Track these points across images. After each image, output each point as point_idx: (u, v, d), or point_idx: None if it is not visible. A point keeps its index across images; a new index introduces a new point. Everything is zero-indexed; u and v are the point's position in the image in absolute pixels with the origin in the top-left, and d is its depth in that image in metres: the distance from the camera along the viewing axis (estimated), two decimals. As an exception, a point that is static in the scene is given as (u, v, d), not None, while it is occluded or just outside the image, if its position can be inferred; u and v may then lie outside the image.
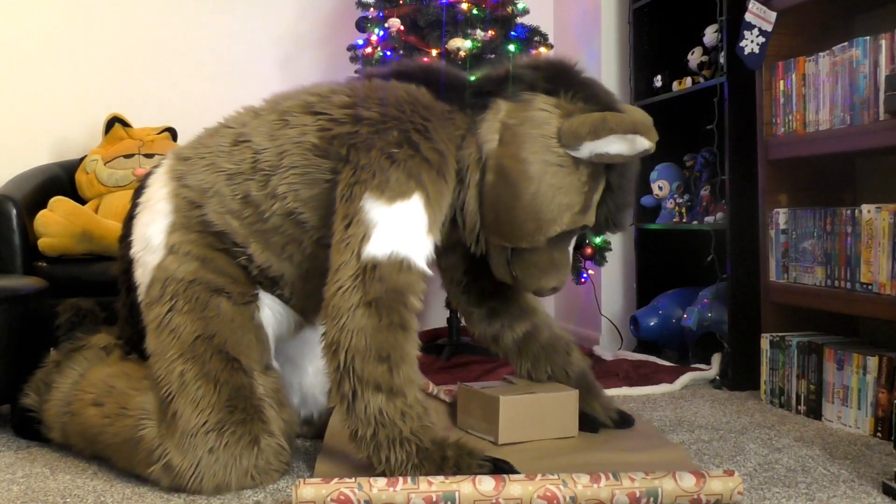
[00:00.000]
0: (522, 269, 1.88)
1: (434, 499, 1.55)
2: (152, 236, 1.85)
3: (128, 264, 1.94)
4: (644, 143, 1.79)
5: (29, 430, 2.07)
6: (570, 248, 1.93)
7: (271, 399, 1.78)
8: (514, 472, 1.64)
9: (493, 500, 1.56)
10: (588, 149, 1.76)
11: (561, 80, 1.86)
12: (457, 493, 1.56)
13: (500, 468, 1.64)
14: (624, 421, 2.09)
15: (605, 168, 1.85)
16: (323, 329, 1.71)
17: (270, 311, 1.89)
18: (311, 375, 2.08)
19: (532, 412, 1.99)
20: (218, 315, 1.78)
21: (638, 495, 1.58)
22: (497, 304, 2.09)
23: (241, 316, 1.82)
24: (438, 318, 3.75)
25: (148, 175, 1.97)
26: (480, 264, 2.03)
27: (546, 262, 1.86)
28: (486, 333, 2.11)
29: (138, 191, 1.97)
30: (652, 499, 1.58)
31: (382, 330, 1.66)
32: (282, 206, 1.80)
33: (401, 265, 1.69)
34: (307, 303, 1.93)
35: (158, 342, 1.78)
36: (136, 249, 1.89)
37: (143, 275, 1.87)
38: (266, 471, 1.73)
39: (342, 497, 1.53)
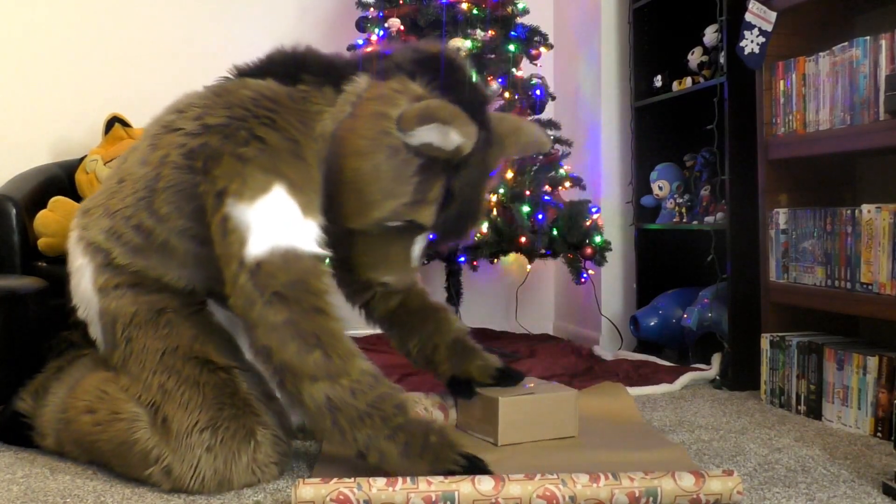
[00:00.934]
0: (357, 254, 1.85)
1: (433, 498, 1.55)
2: (85, 291, 1.89)
3: (84, 328, 1.96)
4: (456, 139, 1.69)
5: (15, 433, 2.03)
6: (415, 250, 1.85)
7: (257, 392, 1.78)
8: (488, 471, 1.63)
9: (493, 500, 1.56)
10: (417, 135, 1.70)
11: (426, 66, 1.80)
12: (456, 493, 1.56)
13: (475, 467, 1.64)
14: (507, 376, 2.05)
15: (445, 169, 1.76)
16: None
17: (225, 315, 1.89)
18: None
19: (531, 412, 1.99)
20: (172, 330, 1.80)
21: (637, 495, 1.58)
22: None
23: (197, 323, 1.83)
24: (438, 318, 3.75)
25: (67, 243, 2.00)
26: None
27: (379, 253, 1.83)
28: (359, 305, 2.13)
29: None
30: (651, 498, 1.58)
31: (297, 321, 1.64)
32: (172, 226, 1.82)
33: (285, 256, 1.67)
34: None
35: (129, 375, 1.80)
36: (80, 313, 1.93)
37: (95, 331, 1.91)
38: (266, 464, 1.73)
39: (341, 497, 1.53)
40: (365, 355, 1.70)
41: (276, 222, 1.69)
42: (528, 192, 3.03)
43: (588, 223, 3.09)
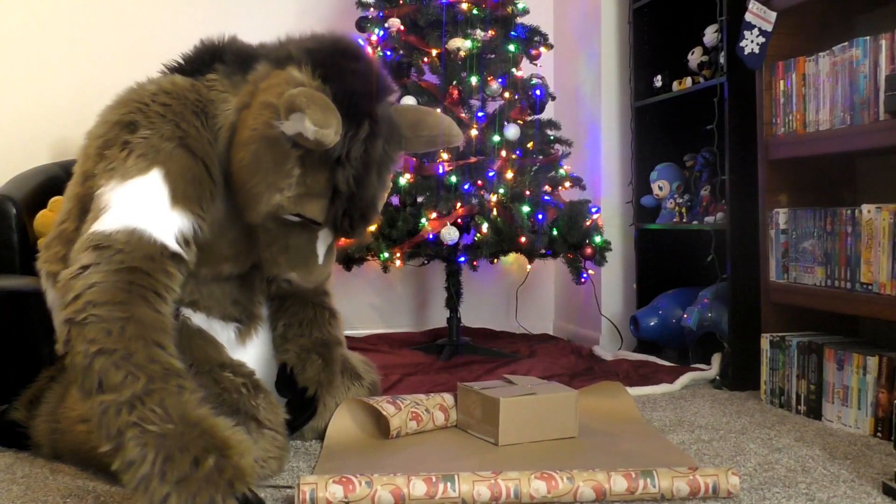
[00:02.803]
0: (261, 248, 1.78)
1: (434, 479, 1.56)
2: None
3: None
4: (309, 128, 1.57)
5: (11, 443, 2.01)
6: (319, 247, 1.76)
7: (245, 388, 1.77)
8: None
9: (492, 480, 1.58)
10: (288, 125, 1.61)
11: (315, 55, 1.72)
12: (456, 474, 1.59)
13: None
14: (296, 409, 1.95)
15: (326, 162, 1.66)
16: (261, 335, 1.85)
17: (203, 320, 1.88)
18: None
19: (532, 413, 1.99)
20: None
21: (634, 476, 1.61)
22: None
23: (176, 330, 1.80)
24: (438, 318, 3.75)
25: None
26: None
27: (279, 247, 1.75)
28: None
29: (41, 303, 1.96)
30: (648, 480, 1.60)
31: (108, 290, 1.55)
32: None
33: (131, 235, 1.61)
34: (226, 309, 1.92)
35: None
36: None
37: None
38: (265, 458, 1.72)
39: (344, 479, 1.55)
40: (174, 351, 1.58)
41: (141, 205, 1.65)
42: (528, 192, 3.03)
43: (588, 223, 3.09)
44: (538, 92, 3.21)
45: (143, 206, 1.65)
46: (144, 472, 1.41)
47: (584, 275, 3.14)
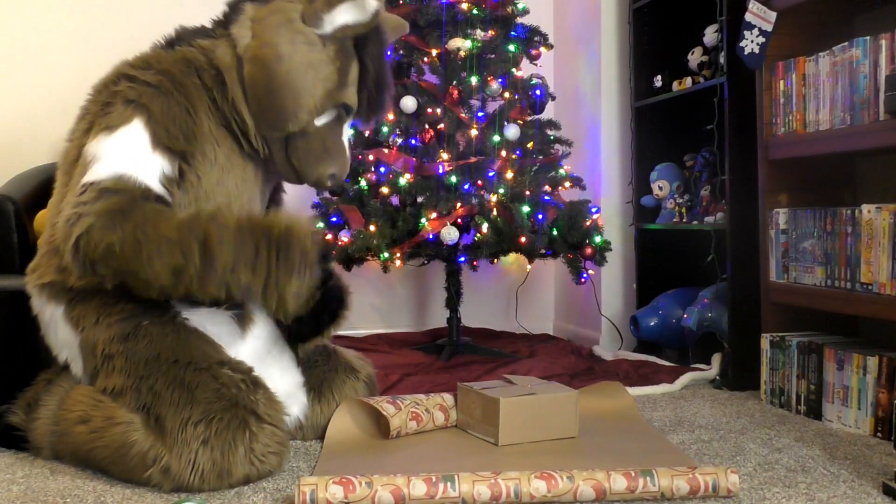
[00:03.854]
0: (299, 158, 1.98)
1: (434, 479, 1.56)
2: (63, 333, 1.90)
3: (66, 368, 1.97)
4: (372, 3, 1.92)
5: (10, 447, 2.01)
6: (345, 139, 2.04)
7: (244, 384, 1.77)
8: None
9: (492, 480, 1.57)
10: (329, 22, 1.92)
11: None
12: (456, 474, 1.59)
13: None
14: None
15: (355, 48, 1.98)
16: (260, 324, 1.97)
17: (201, 319, 1.90)
18: (280, 376, 2.02)
19: (532, 413, 1.99)
20: (151, 339, 1.81)
21: (633, 474, 1.61)
22: None
23: (174, 330, 1.84)
24: (438, 318, 3.75)
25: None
26: None
27: (319, 147, 1.98)
28: None
29: (36, 326, 2.01)
30: (648, 479, 1.60)
31: (115, 227, 1.73)
32: None
33: (120, 180, 1.78)
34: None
35: (116, 389, 1.80)
36: (63, 358, 1.95)
37: (76, 366, 1.91)
38: (264, 454, 1.72)
39: (344, 479, 1.55)
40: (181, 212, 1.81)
41: (125, 153, 1.82)
42: (528, 192, 3.03)
43: (588, 223, 3.09)
44: (538, 92, 3.21)
45: (127, 153, 1.82)
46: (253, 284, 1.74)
47: (584, 275, 3.14)
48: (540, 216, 3.01)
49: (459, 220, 3.02)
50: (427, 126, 3.17)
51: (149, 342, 1.80)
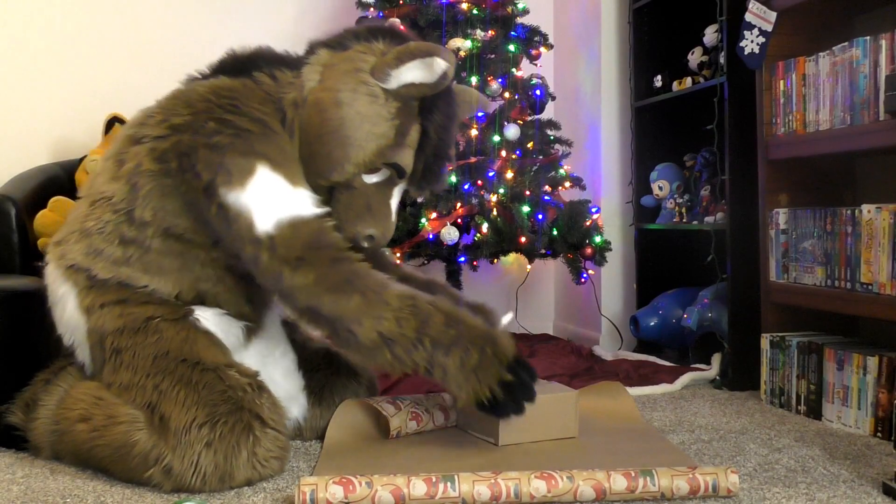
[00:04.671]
0: (340, 211, 1.93)
1: (434, 479, 1.57)
2: (71, 316, 1.90)
3: (71, 355, 1.97)
4: (441, 64, 1.85)
5: (9, 447, 2.01)
6: (394, 204, 1.97)
7: (250, 387, 1.77)
8: (532, 385, 1.82)
9: (492, 481, 1.58)
10: (395, 78, 1.87)
11: (383, 32, 1.97)
12: (456, 474, 1.59)
13: (521, 381, 1.79)
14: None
15: (420, 113, 1.93)
16: (273, 329, 1.97)
17: (212, 321, 1.91)
18: (282, 379, 2.04)
19: (532, 413, 1.98)
20: (161, 336, 1.81)
21: (633, 474, 1.61)
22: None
23: (185, 328, 1.84)
24: (438, 318, 3.75)
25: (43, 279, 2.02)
26: None
27: (362, 205, 1.93)
28: None
29: (42, 299, 2.00)
30: (647, 478, 1.60)
31: (325, 275, 1.75)
32: (156, 227, 1.87)
33: (291, 224, 1.78)
34: (241, 307, 1.98)
35: (121, 384, 1.80)
36: (67, 340, 1.94)
37: (82, 353, 1.92)
38: (266, 458, 1.72)
39: (344, 480, 1.55)
40: (394, 281, 1.82)
41: (272, 197, 1.79)
42: (528, 192, 3.03)
43: (588, 223, 3.09)
44: (538, 92, 3.21)
45: (276, 198, 1.80)
46: (451, 370, 1.75)
47: (584, 275, 3.14)
48: (540, 216, 3.01)
49: (459, 220, 3.01)
50: (427, 126, 3.16)
51: (158, 338, 1.80)
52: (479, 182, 3.03)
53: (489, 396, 1.77)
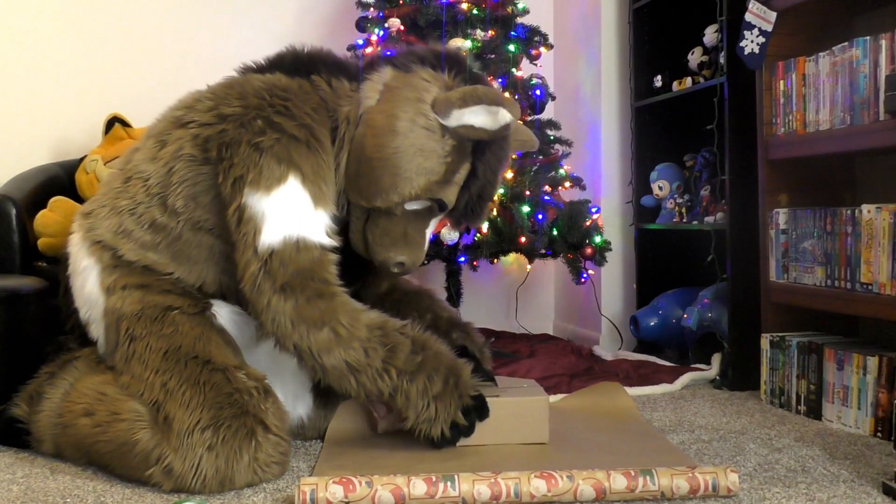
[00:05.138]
0: (375, 235, 1.94)
1: (434, 479, 1.57)
2: (91, 292, 1.91)
3: (82, 329, 1.98)
4: (506, 116, 1.84)
5: (12, 440, 2.01)
6: (428, 233, 1.97)
7: (256, 391, 1.77)
8: (483, 415, 1.87)
9: (492, 480, 1.58)
10: (456, 117, 1.84)
11: (450, 62, 1.95)
12: (456, 474, 1.59)
13: (479, 407, 1.86)
14: (483, 371, 2.07)
15: (472, 152, 1.91)
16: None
17: (227, 318, 1.92)
18: (290, 377, 2.04)
19: (495, 415, 1.95)
20: (176, 329, 1.82)
21: (633, 474, 1.61)
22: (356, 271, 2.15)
23: (200, 324, 1.85)
24: (438, 318, 3.75)
25: (66, 246, 2.02)
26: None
27: (399, 232, 1.93)
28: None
29: (63, 264, 2.01)
30: (647, 478, 1.60)
31: (303, 307, 1.75)
32: (186, 219, 1.88)
33: (297, 246, 1.78)
34: None
35: (131, 374, 1.81)
36: (83, 314, 1.95)
37: (97, 329, 1.92)
38: (267, 463, 1.73)
39: (344, 479, 1.55)
40: (369, 308, 1.83)
41: (290, 213, 1.78)
42: (528, 192, 3.03)
43: (588, 223, 3.09)
44: (538, 92, 3.21)
45: (294, 213, 1.80)
46: (413, 397, 1.79)
47: (584, 275, 3.14)
48: (540, 216, 3.01)
49: (459, 220, 3.01)
50: (427, 126, 3.16)
51: (173, 331, 1.81)
52: (479, 182, 3.03)
53: (439, 435, 1.83)
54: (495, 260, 3.14)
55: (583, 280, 3.15)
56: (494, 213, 2.98)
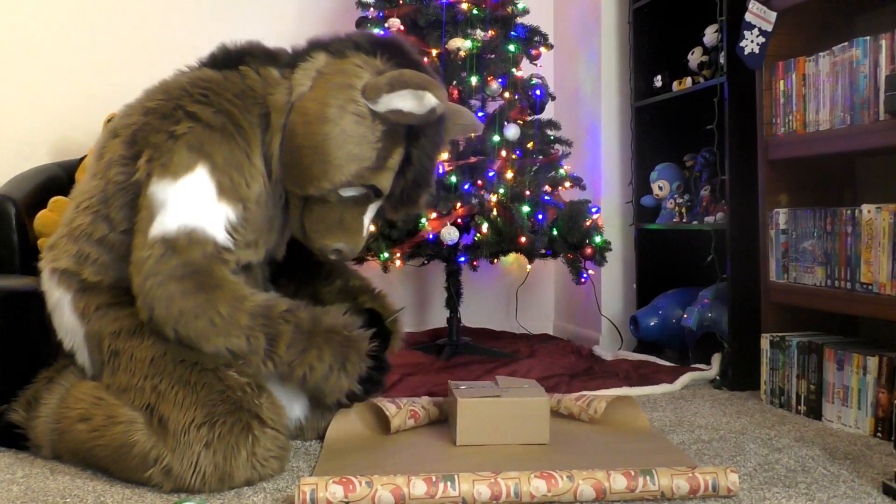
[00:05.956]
0: (311, 222, 1.93)
1: (434, 479, 1.57)
2: (69, 321, 1.91)
3: (71, 358, 1.98)
4: (432, 100, 1.83)
5: (10, 445, 2.01)
6: (366, 220, 1.95)
7: (249, 387, 1.77)
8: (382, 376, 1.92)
9: (492, 480, 1.58)
10: (385, 102, 1.83)
11: (386, 47, 1.94)
12: (456, 474, 1.59)
13: (380, 369, 1.91)
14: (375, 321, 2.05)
15: (406, 138, 1.90)
16: None
17: None
18: None
19: (495, 416, 1.96)
20: (157, 337, 1.81)
21: (633, 474, 1.61)
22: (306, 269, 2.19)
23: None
24: (438, 318, 3.75)
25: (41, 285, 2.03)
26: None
27: (334, 219, 1.91)
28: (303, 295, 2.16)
29: (42, 302, 2.01)
30: (647, 478, 1.60)
31: (180, 298, 1.75)
32: (128, 228, 1.87)
33: (190, 237, 1.77)
34: None
35: (120, 386, 1.81)
36: (67, 344, 1.95)
37: (82, 356, 1.93)
38: (266, 458, 1.72)
39: (344, 479, 1.55)
40: (253, 294, 1.82)
41: (191, 202, 1.79)
42: (528, 192, 3.03)
43: (588, 223, 3.09)
44: (538, 92, 3.21)
45: (193, 202, 1.79)
46: (312, 373, 1.82)
47: (584, 275, 3.14)
48: (540, 216, 3.01)
49: (459, 220, 3.01)
50: (427, 126, 3.16)
51: (154, 340, 1.80)
52: (479, 182, 3.03)
53: (347, 391, 1.87)
54: (495, 260, 3.14)
55: (583, 280, 3.15)
56: (494, 213, 2.98)
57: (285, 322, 1.80)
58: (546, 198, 3.09)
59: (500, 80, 3.13)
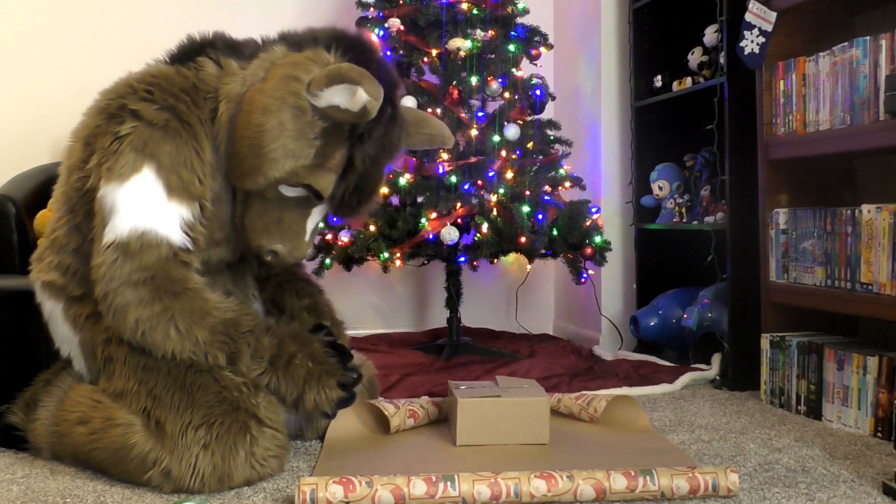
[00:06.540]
0: (249, 219, 1.87)
1: (434, 479, 1.57)
2: (63, 331, 1.91)
3: (69, 364, 1.98)
4: (363, 97, 1.71)
5: (9, 447, 2.01)
6: (309, 223, 1.87)
7: (245, 387, 1.77)
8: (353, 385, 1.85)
9: (492, 480, 1.58)
10: (324, 97, 1.74)
11: (343, 42, 1.86)
12: (456, 474, 1.59)
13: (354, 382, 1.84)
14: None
15: (349, 140, 1.80)
16: None
17: None
18: None
19: (495, 416, 1.96)
20: None
21: (633, 474, 1.62)
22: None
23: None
24: (438, 318, 3.75)
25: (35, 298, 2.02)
26: None
27: (272, 218, 1.84)
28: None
29: (39, 313, 2.01)
30: (647, 478, 1.60)
31: (138, 306, 1.73)
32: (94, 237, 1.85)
33: (142, 239, 1.74)
34: None
35: (117, 391, 1.80)
36: (64, 352, 1.95)
37: (79, 363, 1.92)
38: (264, 457, 1.72)
39: (344, 479, 1.55)
40: (218, 305, 1.78)
41: (140, 205, 1.76)
42: (528, 192, 3.03)
43: (588, 223, 3.09)
44: (538, 92, 3.21)
45: (143, 205, 1.75)
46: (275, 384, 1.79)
47: (584, 275, 3.14)
48: (540, 216, 3.01)
49: (459, 220, 3.01)
50: (427, 126, 3.16)
51: None
52: (479, 182, 3.03)
53: (318, 396, 1.81)
54: (495, 260, 3.14)
55: (583, 280, 3.15)
56: (494, 213, 2.98)
57: (246, 344, 1.77)
58: (546, 198, 3.09)
59: (500, 80, 3.13)
